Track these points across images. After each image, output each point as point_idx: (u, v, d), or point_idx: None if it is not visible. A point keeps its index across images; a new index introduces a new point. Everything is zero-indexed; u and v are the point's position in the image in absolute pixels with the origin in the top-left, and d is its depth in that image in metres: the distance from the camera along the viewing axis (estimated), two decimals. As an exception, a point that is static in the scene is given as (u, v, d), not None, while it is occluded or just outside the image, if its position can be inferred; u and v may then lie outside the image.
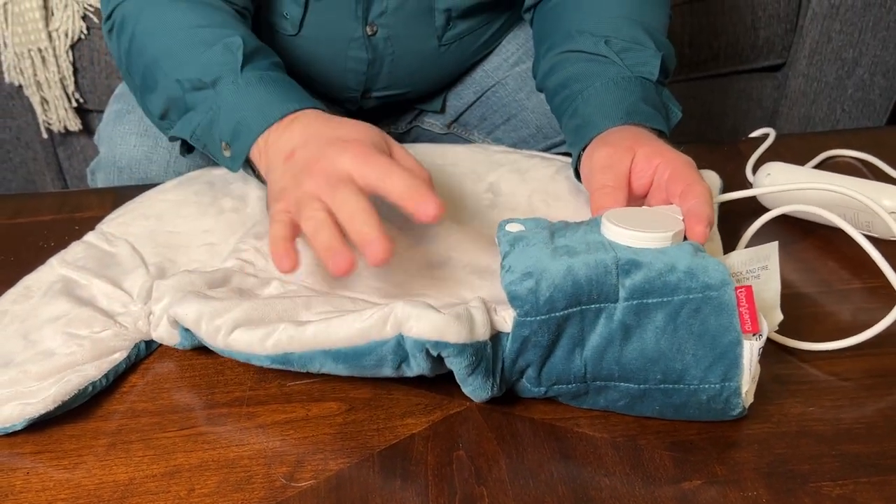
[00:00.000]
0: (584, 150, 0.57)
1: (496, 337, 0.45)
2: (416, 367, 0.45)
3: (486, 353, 0.44)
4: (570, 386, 0.45)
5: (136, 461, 0.45)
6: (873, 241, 0.53)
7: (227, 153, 0.56)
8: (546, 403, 0.48)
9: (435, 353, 0.44)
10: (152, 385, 0.50)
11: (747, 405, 0.45)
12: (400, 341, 0.44)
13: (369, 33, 0.75)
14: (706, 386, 0.43)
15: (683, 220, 0.47)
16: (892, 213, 0.57)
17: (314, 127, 0.52)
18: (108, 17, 0.65)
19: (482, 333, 0.43)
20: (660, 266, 0.43)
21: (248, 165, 0.57)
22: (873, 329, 0.49)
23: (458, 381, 0.45)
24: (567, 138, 0.62)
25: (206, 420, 0.47)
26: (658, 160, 0.52)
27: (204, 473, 0.44)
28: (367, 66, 0.77)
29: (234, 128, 0.55)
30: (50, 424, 0.47)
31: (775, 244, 0.48)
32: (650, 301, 0.42)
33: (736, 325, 0.42)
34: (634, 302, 0.43)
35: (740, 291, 0.43)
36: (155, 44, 0.61)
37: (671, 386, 0.44)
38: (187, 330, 0.49)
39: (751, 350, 0.43)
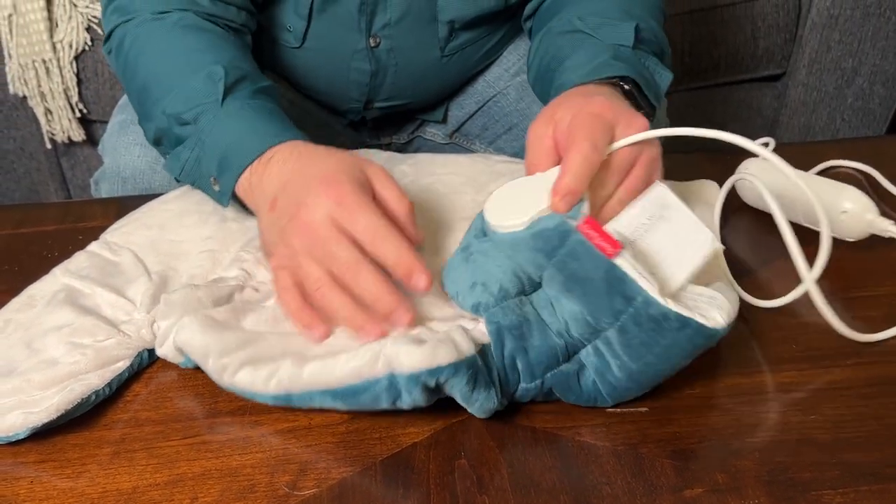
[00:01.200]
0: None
1: (482, 350, 0.46)
2: (411, 401, 0.45)
3: (478, 365, 0.45)
4: (561, 368, 0.46)
5: (139, 470, 0.45)
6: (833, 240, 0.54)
7: (216, 188, 0.57)
8: (547, 412, 0.48)
9: (432, 383, 0.44)
10: (156, 394, 0.50)
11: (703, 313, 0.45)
12: (392, 380, 0.44)
13: (372, 45, 0.75)
14: (626, 316, 0.45)
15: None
16: (844, 212, 0.57)
17: (290, 166, 0.53)
18: (108, 37, 0.66)
19: (468, 349, 0.45)
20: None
21: (236, 198, 0.58)
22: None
23: (463, 403, 0.46)
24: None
25: (209, 429, 0.48)
26: (561, 112, 0.51)
27: (207, 482, 0.44)
28: (370, 78, 0.78)
29: (218, 164, 0.56)
30: (53, 433, 0.47)
31: (657, 184, 0.50)
32: (550, 272, 0.47)
33: (600, 257, 0.45)
34: (547, 273, 0.47)
35: (584, 227, 0.46)
36: (145, 68, 0.62)
37: (610, 332, 0.45)
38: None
39: (629, 265, 0.45)
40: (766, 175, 0.64)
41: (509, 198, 0.51)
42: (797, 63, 1.32)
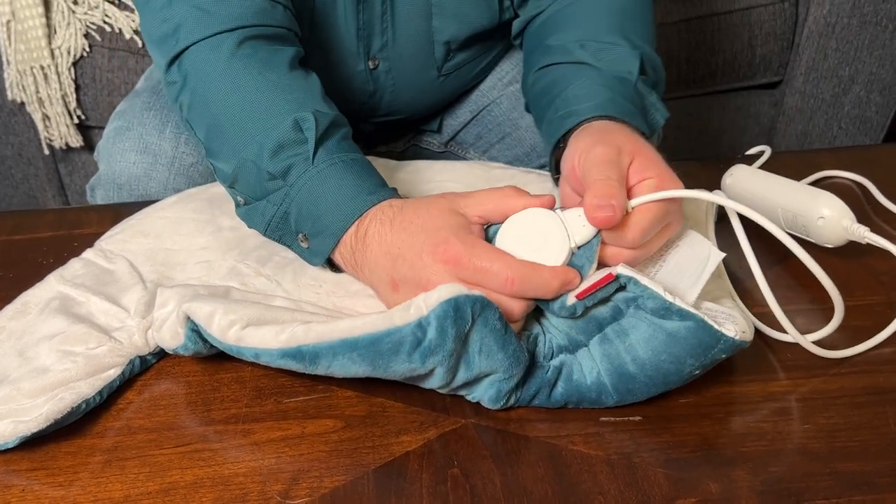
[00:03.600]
0: (563, 138, 0.56)
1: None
2: (438, 340, 0.44)
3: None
4: (565, 358, 0.48)
5: (131, 478, 0.45)
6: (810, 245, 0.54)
7: (304, 244, 0.55)
8: (541, 420, 0.48)
9: (468, 313, 0.44)
10: (148, 402, 0.50)
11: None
12: (421, 321, 0.44)
13: (371, 67, 0.75)
14: (631, 309, 0.47)
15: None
16: (821, 218, 0.58)
17: (390, 237, 0.50)
18: (169, 65, 0.61)
19: None
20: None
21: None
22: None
23: (496, 351, 0.45)
24: (544, 135, 0.61)
25: (201, 437, 0.47)
26: (653, 173, 0.50)
27: (199, 491, 0.44)
28: (369, 97, 0.78)
29: (311, 224, 0.54)
30: (45, 441, 0.47)
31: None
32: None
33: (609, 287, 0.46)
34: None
35: (580, 296, 0.47)
36: (216, 107, 0.58)
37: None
38: (194, 331, 0.49)
39: (627, 270, 0.46)
40: (751, 182, 0.64)
41: (525, 231, 0.49)
42: (794, 71, 1.32)
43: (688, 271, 0.49)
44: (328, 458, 0.46)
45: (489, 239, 0.50)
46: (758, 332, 0.53)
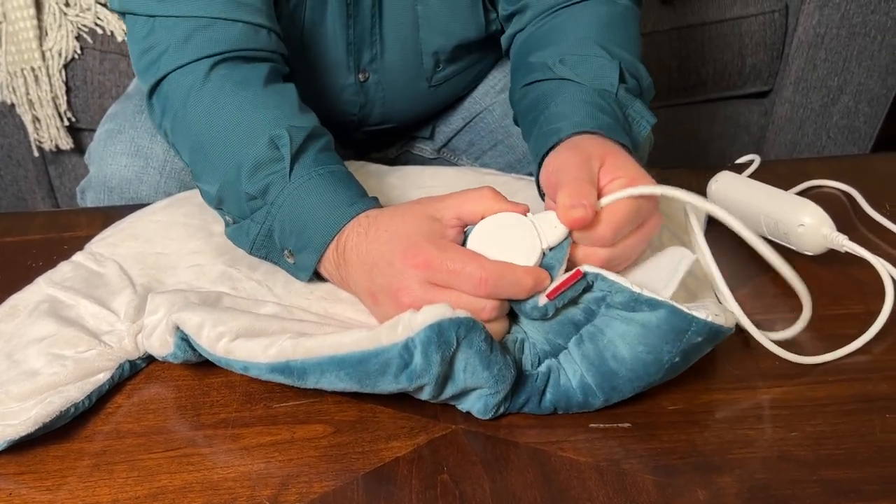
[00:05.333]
0: (546, 155, 0.57)
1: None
2: (424, 364, 0.44)
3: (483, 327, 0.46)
4: (550, 363, 0.48)
5: (119, 483, 0.45)
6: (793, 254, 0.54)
7: (290, 260, 0.55)
8: (530, 426, 0.48)
9: (452, 338, 0.43)
10: (138, 406, 0.50)
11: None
12: (408, 343, 0.44)
13: (362, 80, 0.76)
14: (603, 307, 0.48)
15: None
16: (801, 226, 0.58)
17: (365, 247, 0.51)
18: (151, 92, 0.62)
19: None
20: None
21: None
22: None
23: (480, 371, 0.45)
24: (531, 152, 0.62)
25: (190, 442, 0.47)
26: (622, 173, 0.50)
27: (188, 495, 0.44)
28: (359, 109, 0.78)
29: (294, 242, 0.54)
30: (34, 445, 0.47)
31: None
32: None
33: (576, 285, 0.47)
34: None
35: (550, 296, 0.47)
36: (196, 129, 0.58)
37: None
38: (184, 340, 0.49)
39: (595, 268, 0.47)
40: (735, 189, 0.65)
41: (497, 234, 0.49)
42: (784, 81, 1.33)
43: (659, 275, 0.49)
44: (318, 464, 0.46)
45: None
46: (745, 339, 0.54)
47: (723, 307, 0.48)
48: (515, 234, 0.49)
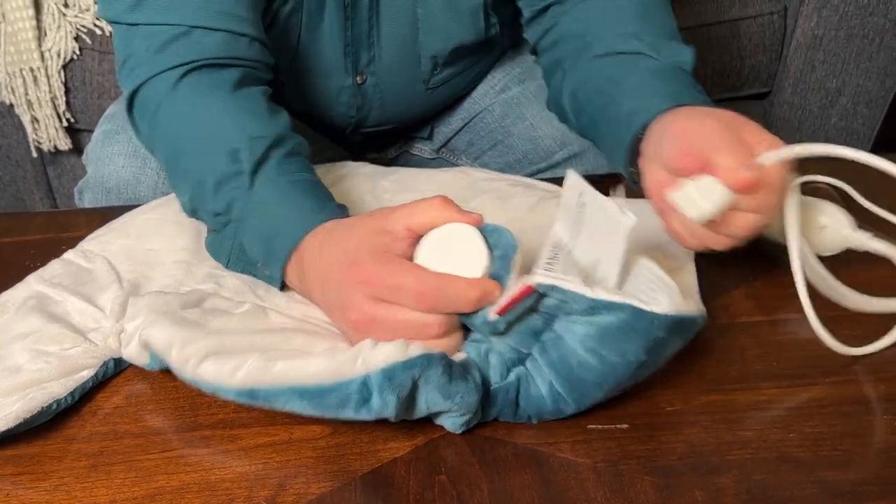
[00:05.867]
0: (636, 138, 0.54)
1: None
2: (381, 404, 0.44)
3: (452, 360, 0.45)
4: (518, 370, 0.47)
5: (117, 483, 0.45)
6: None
7: (266, 272, 0.55)
8: (528, 427, 0.48)
9: (408, 380, 0.43)
10: (135, 407, 0.50)
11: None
12: (366, 380, 0.44)
13: (359, 82, 0.76)
14: (562, 315, 0.46)
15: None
16: (823, 227, 0.58)
17: (318, 260, 0.50)
18: (129, 102, 0.62)
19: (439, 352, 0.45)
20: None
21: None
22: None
23: (442, 403, 0.45)
24: (607, 142, 0.59)
25: (188, 442, 0.47)
26: (763, 136, 0.48)
27: (185, 496, 0.44)
28: (357, 111, 0.78)
29: (263, 255, 0.54)
30: (31, 445, 0.47)
31: (570, 173, 0.49)
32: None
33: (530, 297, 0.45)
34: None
35: (500, 311, 0.45)
36: (166, 138, 0.59)
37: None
38: (156, 355, 0.49)
39: (546, 277, 0.45)
40: None
41: (444, 245, 0.48)
42: (782, 82, 1.33)
43: (605, 242, 0.47)
44: (315, 465, 0.46)
45: None
46: (744, 341, 0.54)
47: (686, 296, 0.46)
48: (462, 245, 0.47)
